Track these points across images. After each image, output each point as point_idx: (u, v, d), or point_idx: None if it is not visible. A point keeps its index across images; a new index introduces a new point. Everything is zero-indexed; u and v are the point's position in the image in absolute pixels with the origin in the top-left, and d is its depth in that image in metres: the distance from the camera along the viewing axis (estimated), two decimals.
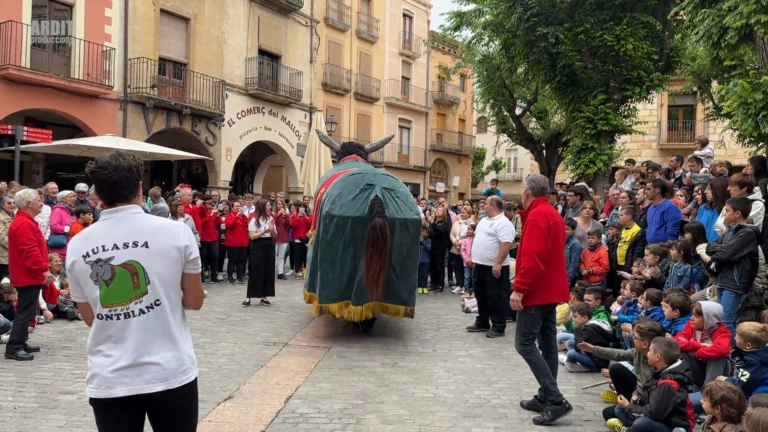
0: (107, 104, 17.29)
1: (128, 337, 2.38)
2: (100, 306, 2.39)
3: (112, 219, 2.44)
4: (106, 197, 2.45)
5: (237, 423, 4.59)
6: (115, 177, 2.40)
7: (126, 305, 2.38)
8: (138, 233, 2.41)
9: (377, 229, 6.63)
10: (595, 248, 8.33)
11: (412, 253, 7.18)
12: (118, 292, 2.38)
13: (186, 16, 19.48)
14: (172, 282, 2.46)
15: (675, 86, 20.56)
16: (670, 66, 14.65)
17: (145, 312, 2.40)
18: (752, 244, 5.45)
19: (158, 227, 2.45)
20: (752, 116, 6.35)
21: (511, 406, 5.10)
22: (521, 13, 13.51)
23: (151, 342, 2.39)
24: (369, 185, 7.03)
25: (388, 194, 7.00)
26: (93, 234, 2.45)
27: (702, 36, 7.01)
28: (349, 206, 6.86)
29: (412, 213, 7.14)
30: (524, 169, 38.57)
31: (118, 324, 2.39)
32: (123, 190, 2.43)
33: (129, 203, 2.46)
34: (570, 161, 15.03)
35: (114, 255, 2.38)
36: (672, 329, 5.60)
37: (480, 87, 23.26)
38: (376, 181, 7.14)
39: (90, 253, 2.39)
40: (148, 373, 2.38)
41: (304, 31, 24.72)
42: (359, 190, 7.00)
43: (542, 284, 4.74)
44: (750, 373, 4.39)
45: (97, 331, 2.43)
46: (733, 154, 21.13)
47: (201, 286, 2.64)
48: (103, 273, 2.38)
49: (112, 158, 2.42)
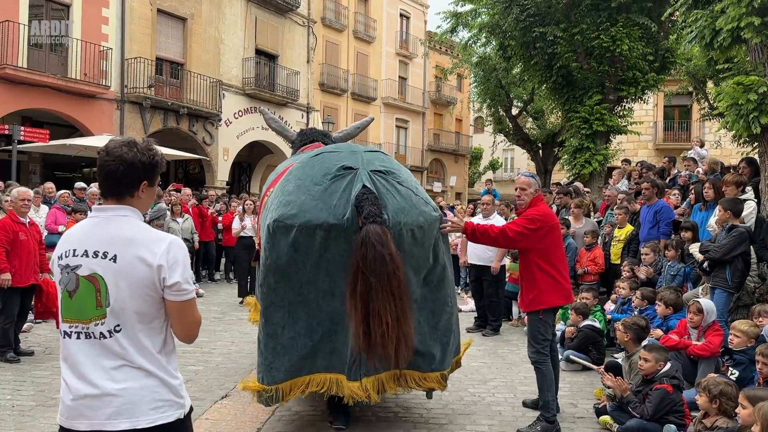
0: (104, 104, 17.30)
1: (88, 362, 1.99)
2: (61, 319, 2.06)
3: (95, 219, 2.09)
4: (100, 187, 2.12)
5: (233, 421, 4.63)
6: (112, 167, 2.04)
7: (86, 324, 2.00)
8: (109, 242, 2.01)
9: (371, 245, 3.70)
10: (590, 248, 8.40)
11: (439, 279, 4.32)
12: (79, 308, 2.00)
13: (183, 16, 19.49)
14: (139, 308, 2.00)
15: (671, 86, 20.64)
16: (665, 67, 14.73)
17: (106, 336, 1.99)
18: (745, 243, 5.53)
19: (130, 238, 2.00)
20: (743, 116, 6.41)
21: (506, 404, 5.15)
22: (518, 13, 13.57)
23: (115, 371, 1.98)
24: (346, 169, 4.11)
25: (383, 181, 4.10)
26: (72, 234, 2.12)
27: (695, 37, 7.07)
28: (315, 207, 3.96)
29: (429, 208, 4.26)
30: (521, 169, 38.59)
31: (77, 345, 2.01)
32: (116, 184, 2.06)
33: (121, 202, 2.07)
34: (566, 161, 15.08)
35: (81, 263, 2.01)
36: (664, 327, 5.67)
37: (477, 87, 23.31)
38: (357, 161, 4.18)
39: (63, 256, 2.06)
40: (109, 406, 1.96)
41: (301, 31, 24.75)
42: (330, 178, 4.07)
43: (548, 287, 4.45)
44: (739, 371, 4.46)
45: (61, 347, 2.08)
46: (728, 154, 21.22)
47: (194, 315, 2.11)
48: (68, 282, 2.03)
49: (121, 145, 2.06)
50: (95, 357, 1.99)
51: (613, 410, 4.51)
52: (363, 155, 4.29)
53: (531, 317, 4.62)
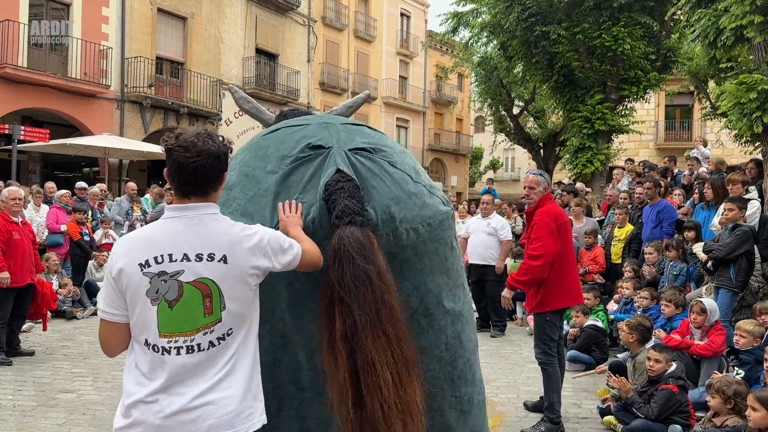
0: (104, 103, 17.28)
1: (188, 376, 1.84)
2: (156, 334, 1.83)
3: (183, 219, 1.88)
4: (180, 187, 1.89)
5: None
6: (198, 163, 1.84)
7: (191, 335, 1.84)
8: (214, 243, 1.86)
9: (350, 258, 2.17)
10: (591, 247, 8.38)
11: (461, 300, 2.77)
12: (183, 318, 1.83)
13: (183, 15, 19.46)
14: (249, 308, 1.94)
15: (672, 86, 20.62)
16: (667, 66, 14.71)
17: (214, 344, 1.87)
18: (748, 242, 5.51)
19: (233, 237, 1.90)
20: (746, 116, 6.39)
21: (509, 404, 5.12)
22: (519, 12, 13.55)
23: (215, 380, 1.86)
24: (313, 148, 2.56)
25: (367, 162, 2.56)
26: (156, 237, 1.87)
27: (698, 36, 7.05)
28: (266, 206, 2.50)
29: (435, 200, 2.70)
30: (521, 169, 38.59)
31: (177, 360, 1.83)
32: (204, 181, 1.88)
33: (206, 199, 1.91)
34: (567, 161, 15.07)
35: (183, 268, 1.83)
36: (668, 327, 5.65)
37: (477, 87, 23.29)
38: (330, 137, 2.61)
39: (151, 262, 1.82)
40: (210, 417, 1.83)
41: (302, 31, 24.72)
42: (291, 162, 2.54)
43: (556, 288, 4.36)
44: (745, 371, 4.43)
45: (144, 366, 1.86)
46: (730, 153, 21.19)
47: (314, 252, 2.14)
48: (167, 291, 1.82)
49: (200, 137, 1.87)
50: (199, 370, 1.84)
51: (617, 411, 4.48)
52: (339, 128, 2.73)
53: (538, 318, 4.56)
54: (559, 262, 4.39)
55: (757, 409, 3.19)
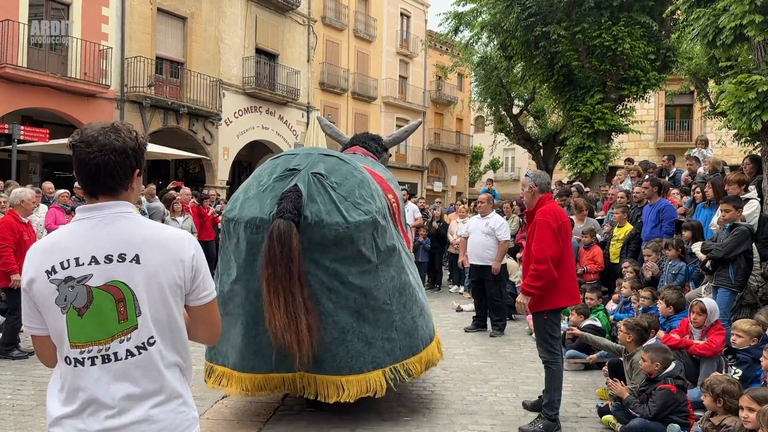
0: (104, 103, 17.28)
1: (108, 391, 1.68)
2: (68, 346, 1.68)
3: (91, 220, 1.74)
4: (86, 186, 1.76)
5: (234, 420, 4.62)
6: (100, 159, 1.70)
7: (106, 344, 1.68)
8: (125, 243, 1.71)
9: (274, 238, 3.94)
10: (589, 247, 8.38)
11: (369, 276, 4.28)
12: (95, 326, 1.68)
13: (183, 15, 19.46)
14: (170, 313, 1.76)
15: (672, 86, 20.61)
16: (666, 65, 14.70)
17: (134, 354, 1.70)
18: (747, 242, 5.50)
19: (147, 237, 1.74)
20: (745, 114, 6.39)
21: (508, 403, 5.13)
22: (519, 12, 13.54)
23: (142, 395, 1.71)
24: (290, 171, 4.34)
25: (319, 183, 4.23)
26: (62, 241, 1.74)
27: (697, 35, 7.05)
28: (253, 204, 4.25)
29: (356, 213, 4.19)
30: (521, 169, 38.56)
31: (92, 372, 1.68)
32: (108, 178, 1.73)
33: (116, 198, 1.76)
34: (567, 160, 15.05)
35: (92, 272, 1.68)
36: (667, 326, 5.64)
37: (477, 86, 23.29)
38: (304, 163, 4.37)
39: (57, 268, 1.69)
40: None
41: (302, 30, 24.72)
42: (274, 178, 4.33)
43: (553, 288, 4.40)
44: (743, 370, 4.44)
45: (62, 381, 1.72)
46: (730, 153, 21.18)
47: (217, 314, 1.93)
48: (75, 297, 1.68)
49: (102, 131, 1.72)
50: (119, 383, 1.69)
51: (616, 410, 4.48)
52: (315, 158, 4.45)
53: (536, 318, 4.59)
54: (558, 261, 4.41)
55: (755, 410, 3.17)
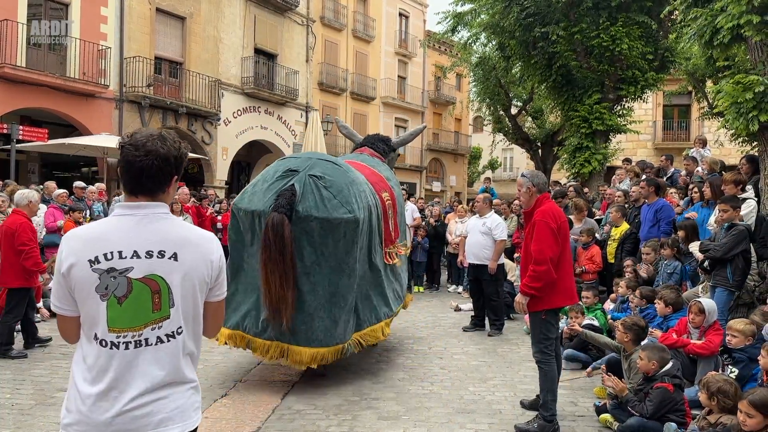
0: (103, 103, 17.28)
1: (138, 372, 1.87)
2: (105, 329, 1.86)
3: (132, 217, 1.92)
4: (128, 185, 1.95)
5: (233, 419, 4.62)
6: (144, 163, 1.89)
7: (139, 331, 1.88)
8: (165, 241, 1.91)
9: (269, 228, 4.94)
10: (587, 246, 8.40)
11: (342, 267, 5.20)
12: (131, 314, 1.86)
13: (182, 15, 19.46)
14: (196, 306, 1.98)
15: (670, 86, 20.64)
16: (664, 66, 14.72)
17: (163, 341, 1.90)
18: (745, 241, 5.52)
19: (185, 237, 1.96)
20: (743, 115, 6.41)
21: (506, 402, 5.15)
22: (518, 13, 13.56)
23: (167, 378, 1.91)
24: (290, 171, 5.34)
25: (313, 184, 5.20)
26: (105, 233, 1.90)
27: (694, 35, 7.07)
28: (258, 198, 5.27)
29: (341, 210, 5.13)
30: (520, 169, 38.55)
31: (126, 355, 1.86)
32: (149, 181, 1.92)
33: (154, 199, 1.95)
34: (565, 160, 15.07)
35: (133, 265, 1.87)
36: (664, 326, 5.66)
37: (476, 87, 23.30)
38: (303, 166, 5.38)
39: (101, 258, 1.85)
40: (161, 413, 1.88)
41: (300, 30, 24.73)
42: (277, 177, 5.34)
43: (552, 288, 4.41)
44: (739, 369, 4.46)
45: (92, 359, 1.88)
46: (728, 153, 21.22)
47: (223, 312, 2.19)
48: (117, 287, 1.85)
49: (150, 138, 1.92)
50: (147, 365, 1.88)
51: (613, 409, 4.50)
52: (314, 162, 5.47)
53: (533, 317, 4.59)
54: (557, 262, 4.41)
55: (753, 416, 3.17)
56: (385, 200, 6.40)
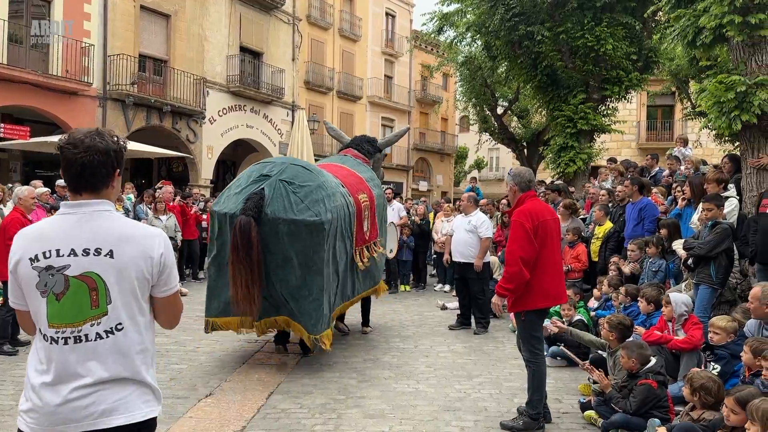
0: (86, 101, 17.08)
1: (78, 367, 1.92)
2: (46, 325, 1.93)
3: (73, 215, 1.97)
4: (71, 183, 1.99)
5: (218, 419, 4.59)
6: (85, 159, 1.93)
7: (78, 327, 1.92)
8: (102, 239, 1.95)
9: (236, 230, 5.34)
10: (573, 245, 8.45)
11: (308, 265, 5.56)
12: (70, 311, 1.92)
13: (166, 13, 19.29)
14: (138, 302, 2.01)
15: (654, 86, 20.85)
16: (648, 66, 14.86)
17: (102, 337, 1.94)
18: (728, 239, 5.59)
19: (128, 234, 1.99)
20: (726, 114, 6.49)
21: (491, 400, 5.16)
22: (503, 13, 13.61)
23: (107, 372, 1.95)
24: (263, 176, 5.76)
25: (284, 188, 5.60)
26: (46, 232, 1.97)
27: (677, 35, 7.14)
28: (231, 201, 5.73)
29: (307, 213, 5.49)
30: (506, 168, 38.76)
31: (66, 350, 1.92)
32: (91, 177, 1.96)
33: (98, 196, 1.99)
34: (551, 160, 15.16)
35: (70, 263, 1.92)
36: (647, 323, 5.71)
37: (462, 86, 23.37)
38: (275, 171, 5.78)
39: (40, 257, 1.92)
40: (103, 404, 1.93)
41: (287, 29, 24.63)
42: (250, 181, 5.78)
43: (530, 289, 4.32)
44: (721, 366, 4.50)
45: (42, 352, 1.96)
46: (710, 153, 21.49)
47: (178, 305, 2.21)
48: (54, 284, 1.92)
49: (88, 135, 1.96)
50: (88, 362, 1.93)
51: (598, 405, 4.53)
52: (287, 167, 5.86)
53: (516, 318, 4.64)
54: (534, 262, 4.31)
55: (738, 413, 3.20)
56: (362, 201, 6.64)
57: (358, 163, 7.54)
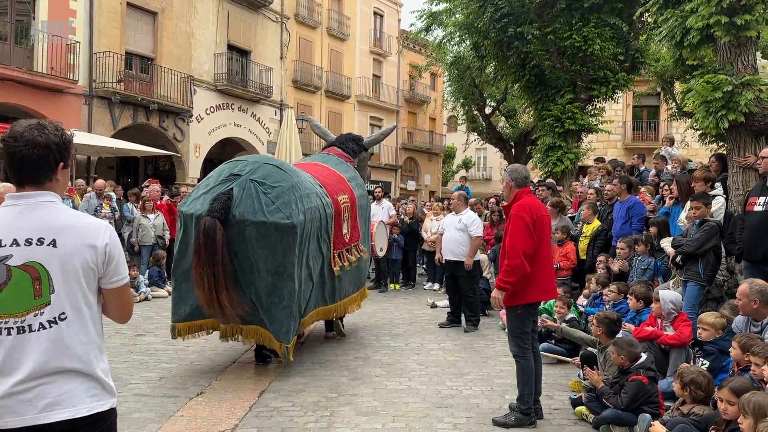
0: (72, 99, 16.90)
1: (22, 357, 1.90)
2: None
3: (16, 207, 1.98)
4: (14, 177, 2.01)
5: (210, 417, 4.56)
6: (24, 152, 1.96)
7: (21, 317, 1.91)
8: (45, 228, 1.95)
9: (200, 232, 5.08)
10: (562, 243, 8.51)
11: (279, 270, 5.29)
12: (12, 301, 1.91)
13: (153, 10, 19.15)
14: (83, 293, 2.00)
15: (640, 87, 21.05)
16: (635, 66, 14.99)
17: (46, 327, 1.93)
18: (716, 237, 5.66)
19: (67, 224, 1.98)
20: (713, 114, 6.57)
21: (483, 396, 5.18)
22: (492, 13, 13.66)
23: (51, 363, 1.92)
24: (233, 176, 5.49)
25: (254, 188, 5.34)
26: None
27: (665, 36, 7.21)
28: (198, 202, 5.43)
29: (278, 215, 5.24)
30: (493, 168, 38.99)
31: (9, 340, 1.90)
32: (32, 170, 1.98)
33: (41, 188, 2.01)
34: (538, 160, 15.25)
35: (12, 253, 1.92)
36: (637, 320, 5.77)
37: (450, 86, 23.42)
38: (246, 170, 5.52)
39: None
40: (46, 397, 1.91)
41: (275, 27, 24.54)
42: (219, 181, 5.51)
43: (527, 282, 4.43)
44: (710, 362, 4.56)
45: None
46: (694, 153, 21.72)
47: (128, 297, 2.19)
48: None
49: (29, 128, 1.99)
50: (33, 350, 1.91)
51: (589, 401, 4.56)
52: (259, 166, 5.58)
53: (510, 312, 4.63)
54: (533, 256, 4.43)
55: (734, 403, 3.22)
56: (341, 203, 6.38)
57: (341, 163, 7.26)
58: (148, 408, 4.75)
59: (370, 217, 7.85)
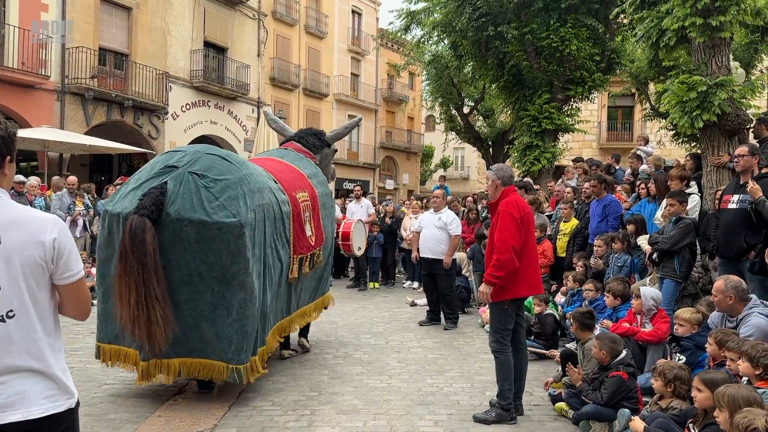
0: (43, 95, 16.53)
1: None
2: None
3: None
4: None
5: (188, 417, 4.49)
6: None
7: None
8: None
9: (127, 233, 4.26)
10: (539, 241, 8.58)
11: (226, 278, 4.50)
12: None
13: (128, 5, 18.83)
14: (31, 289, 1.93)
15: (615, 88, 21.34)
16: (611, 67, 15.19)
17: None
18: (691, 234, 5.75)
19: (16, 218, 1.92)
20: (688, 113, 6.68)
21: (463, 393, 5.19)
22: (470, 13, 13.71)
23: (1, 362, 1.88)
24: (169, 168, 4.67)
25: (193, 182, 4.54)
26: None
27: (641, 37, 7.31)
28: (125, 199, 4.61)
29: (223, 213, 4.45)
30: (471, 167, 39.21)
31: None
32: None
33: None
34: (516, 159, 15.37)
35: None
36: (614, 317, 5.84)
37: (429, 85, 23.46)
38: (185, 161, 4.70)
39: None
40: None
41: (252, 24, 24.32)
42: (153, 174, 4.68)
43: (514, 277, 4.52)
44: (686, 357, 4.63)
45: None
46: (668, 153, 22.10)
47: (84, 292, 2.10)
48: None
49: None
50: None
51: (568, 397, 4.60)
52: (199, 156, 4.75)
53: (495, 307, 4.66)
54: (520, 252, 4.52)
55: (703, 390, 3.31)
56: (300, 200, 5.69)
57: (300, 158, 6.52)
58: (124, 409, 4.66)
59: (335, 218, 7.19)
